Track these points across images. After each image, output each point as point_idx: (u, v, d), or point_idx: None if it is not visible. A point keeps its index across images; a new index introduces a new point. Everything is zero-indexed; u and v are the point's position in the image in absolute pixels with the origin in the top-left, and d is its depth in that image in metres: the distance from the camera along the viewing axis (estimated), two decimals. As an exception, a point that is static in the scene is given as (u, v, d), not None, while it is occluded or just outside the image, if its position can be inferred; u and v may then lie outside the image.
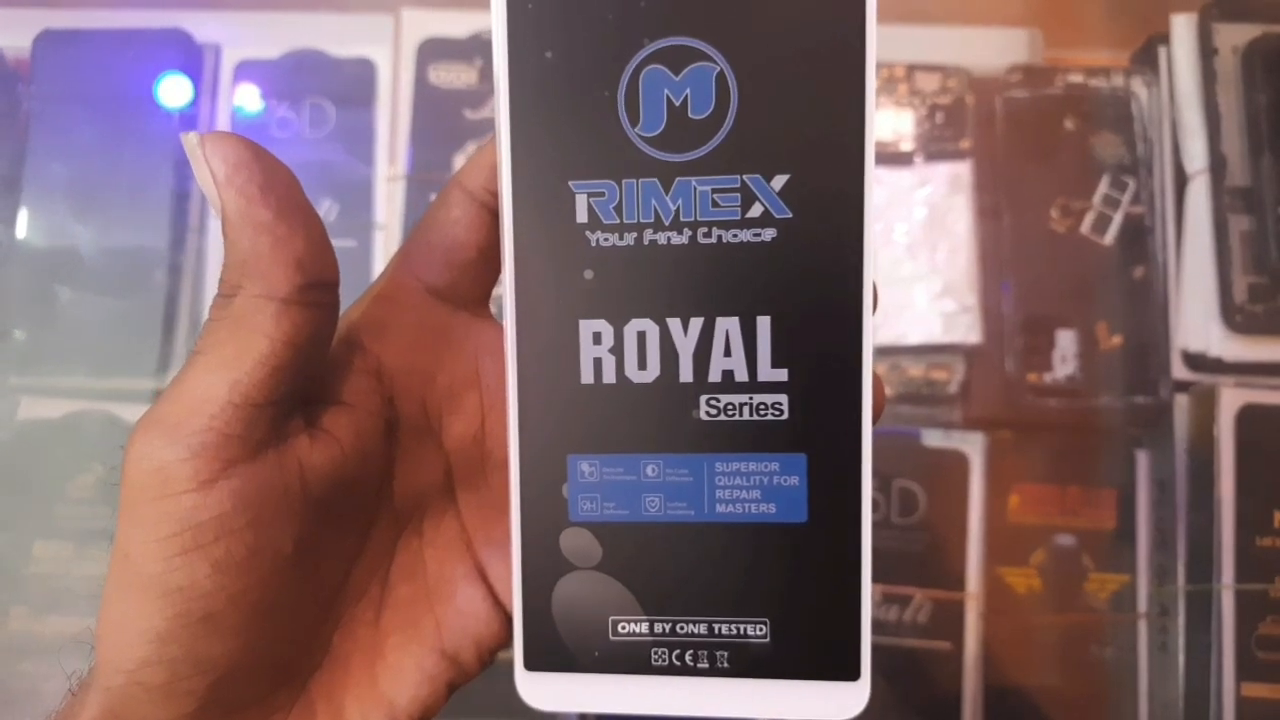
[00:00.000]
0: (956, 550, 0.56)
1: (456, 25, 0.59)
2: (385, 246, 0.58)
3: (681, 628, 0.23)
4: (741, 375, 0.22)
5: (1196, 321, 0.56)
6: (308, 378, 0.21)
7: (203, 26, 0.60)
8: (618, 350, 0.23)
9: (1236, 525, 0.53)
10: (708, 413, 0.23)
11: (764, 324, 0.22)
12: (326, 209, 0.58)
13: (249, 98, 0.60)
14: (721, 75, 0.22)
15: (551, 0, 0.22)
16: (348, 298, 0.22)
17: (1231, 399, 0.54)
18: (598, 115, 0.22)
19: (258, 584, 0.20)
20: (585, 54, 0.22)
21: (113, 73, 0.59)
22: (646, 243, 0.22)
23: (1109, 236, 0.58)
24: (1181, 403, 0.56)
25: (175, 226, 0.57)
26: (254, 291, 0.19)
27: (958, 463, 0.57)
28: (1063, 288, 0.57)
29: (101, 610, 0.20)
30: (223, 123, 0.60)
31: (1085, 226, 0.58)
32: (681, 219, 0.22)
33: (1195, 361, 0.56)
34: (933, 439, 0.57)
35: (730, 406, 0.22)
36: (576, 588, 0.23)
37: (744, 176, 0.22)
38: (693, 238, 0.22)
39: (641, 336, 0.22)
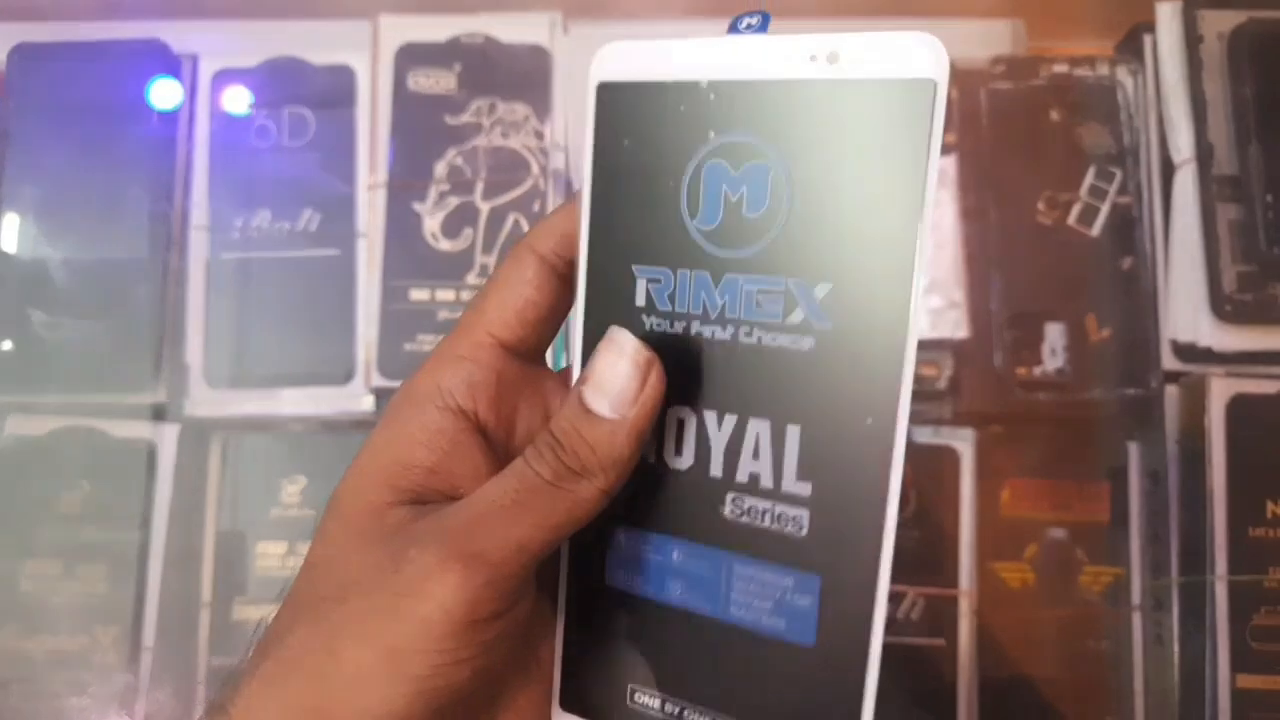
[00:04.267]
0: (949, 547, 0.56)
1: (435, 31, 0.59)
2: (367, 255, 0.57)
3: (688, 715, 0.23)
4: (767, 481, 0.22)
5: (1186, 312, 0.56)
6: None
7: (180, 37, 0.60)
8: (658, 433, 0.23)
9: (1229, 516, 0.52)
10: (732, 511, 0.23)
11: (793, 433, 0.22)
12: (307, 218, 0.58)
13: (230, 104, 0.60)
14: (777, 176, 0.21)
15: (633, 89, 0.23)
16: (329, 305, 0.22)
17: (1222, 389, 0.53)
18: (663, 204, 0.23)
19: (496, 681, 0.23)
20: (658, 143, 0.23)
21: (91, 85, 0.59)
22: (693, 333, 0.23)
23: (1096, 228, 0.57)
24: (1172, 394, 0.56)
25: (154, 240, 0.57)
26: (602, 486, 0.22)
27: (949, 459, 0.57)
28: (1050, 281, 0.57)
29: (337, 676, 0.21)
30: (203, 131, 0.59)
31: (1072, 218, 0.57)
32: (726, 315, 0.22)
33: (1185, 352, 0.56)
34: (923, 436, 0.57)
35: (754, 510, 0.22)
36: (605, 648, 0.24)
37: (788, 280, 0.22)
38: (735, 335, 0.22)
39: (680, 424, 0.23)
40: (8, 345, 0.57)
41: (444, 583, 0.20)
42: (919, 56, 0.20)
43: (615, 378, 0.22)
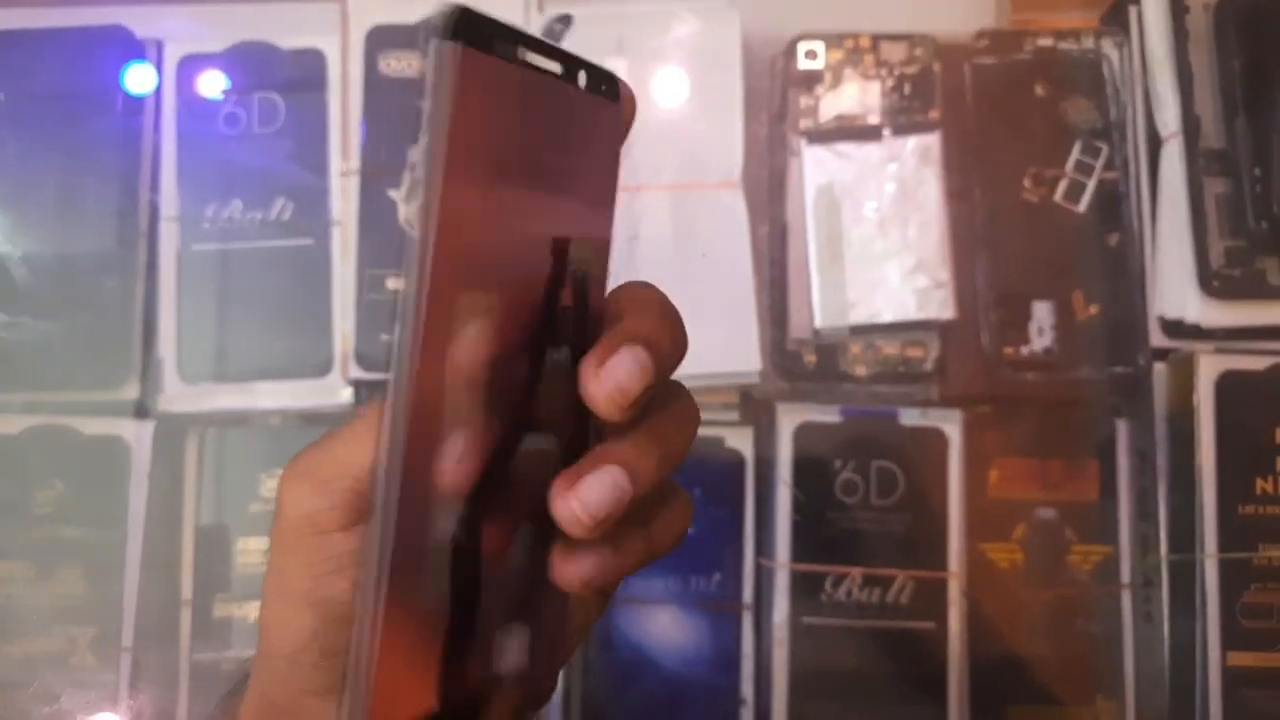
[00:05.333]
0: (938, 529, 0.55)
1: (405, 12, 0.57)
2: (342, 244, 0.56)
3: None
4: None
5: (1173, 288, 0.55)
6: None
7: (143, 22, 0.58)
8: None
9: (1218, 494, 0.52)
10: None
11: None
12: (280, 207, 0.56)
13: (199, 89, 0.58)
14: None
15: None
16: (305, 296, 0.22)
17: (1210, 366, 0.53)
18: None
19: None
20: None
21: (52, 73, 0.57)
22: None
23: (1083, 204, 0.57)
24: (1160, 371, 0.55)
25: (123, 232, 0.56)
26: None
27: (936, 441, 0.56)
28: (1037, 259, 0.56)
29: (265, 609, 0.24)
30: (170, 119, 0.58)
31: (1058, 194, 0.57)
32: None
33: (1173, 328, 0.55)
34: (910, 418, 0.56)
35: None
36: None
37: None
38: None
39: None
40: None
41: (284, 497, 0.23)
42: None
43: None
